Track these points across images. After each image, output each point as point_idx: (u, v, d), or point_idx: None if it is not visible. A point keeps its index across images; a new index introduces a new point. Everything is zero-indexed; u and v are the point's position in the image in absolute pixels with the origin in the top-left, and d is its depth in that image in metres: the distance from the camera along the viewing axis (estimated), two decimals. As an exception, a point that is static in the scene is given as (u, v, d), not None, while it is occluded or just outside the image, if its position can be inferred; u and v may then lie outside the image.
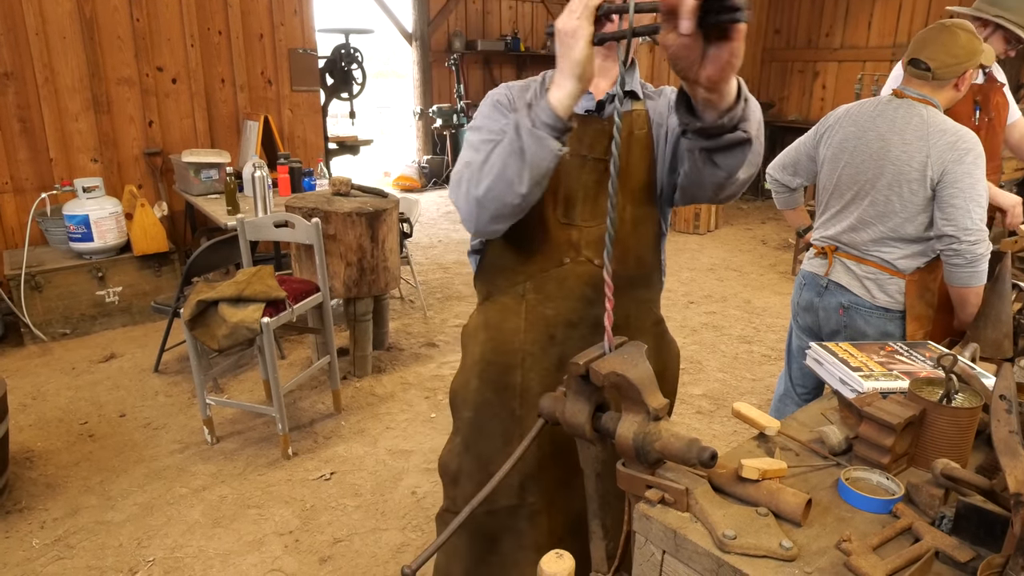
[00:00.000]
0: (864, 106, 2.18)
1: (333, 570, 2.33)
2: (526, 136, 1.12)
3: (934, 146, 1.98)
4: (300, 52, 5.44)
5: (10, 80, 4.27)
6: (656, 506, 1.00)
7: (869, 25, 7.99)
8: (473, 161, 1.23)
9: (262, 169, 3.71)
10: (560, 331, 1.42)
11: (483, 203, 1.21)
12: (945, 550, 0.92)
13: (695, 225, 6.99)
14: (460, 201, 1.26)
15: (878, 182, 2.07)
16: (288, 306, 2.91)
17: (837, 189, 2.19)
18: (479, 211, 1.22)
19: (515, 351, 1.44)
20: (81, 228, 4.11)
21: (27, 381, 3.65)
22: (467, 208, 1.24)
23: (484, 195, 1.19)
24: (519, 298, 1.42)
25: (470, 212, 1.24)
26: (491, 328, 1.46)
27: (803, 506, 0.97)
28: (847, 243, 2.19)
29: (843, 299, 2.19)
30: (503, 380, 1.46)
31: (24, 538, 2.46)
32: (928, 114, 2.03)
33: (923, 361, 1.42)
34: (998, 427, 0.95)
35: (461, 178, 1.25)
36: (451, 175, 1.30)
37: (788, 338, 2.55)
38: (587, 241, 1.37)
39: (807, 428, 1.28)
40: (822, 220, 2.28)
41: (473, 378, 1.49)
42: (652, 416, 0.98)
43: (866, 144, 2.11)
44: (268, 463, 2.93)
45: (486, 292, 1.50)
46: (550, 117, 1.11)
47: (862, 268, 2.15)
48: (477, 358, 1.48)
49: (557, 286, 1.40)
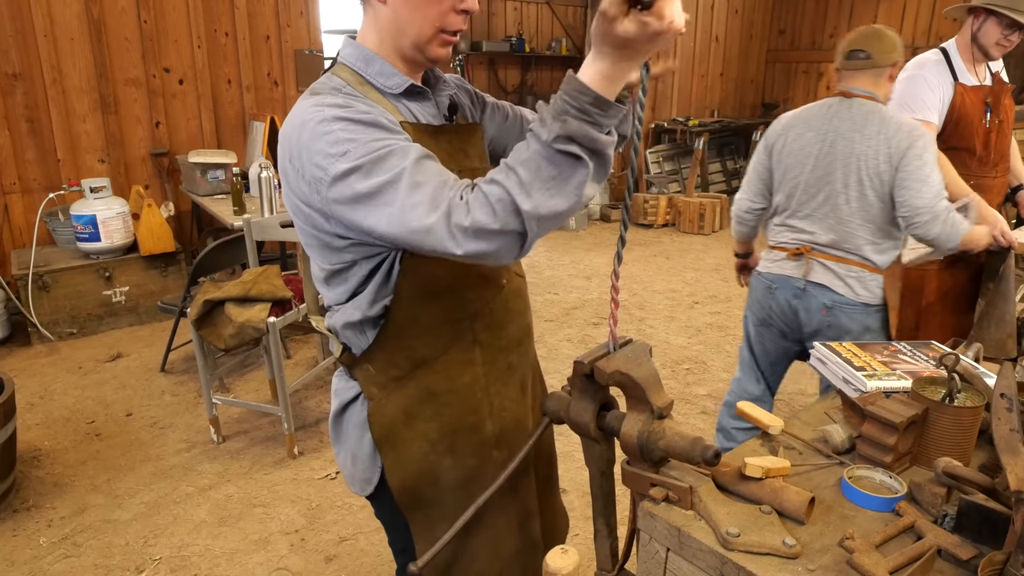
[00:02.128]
0: (812, 110, 2.24)
1: (339, 569, 2.34)
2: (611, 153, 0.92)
3: (892, 137, 2.08)
4: (306, 53, 5.46)
5: (18, 81, 4.30)
6: (660, 504, 1.01)
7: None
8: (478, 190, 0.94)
9: (268, 170, 3.73)
10: (514, 355, 1.32)
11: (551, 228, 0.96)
12: (947, 548, 0.93)
13: (700, 225, 6.99)
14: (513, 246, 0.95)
15: (850, 179, 2.13)
16: (294, 306, 2.93)
17: (806, 192, 2.23)
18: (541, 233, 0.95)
19: (480, 402, 1.26)
20: (88, 228, 4.14)
21: (34, 380, 3.67)
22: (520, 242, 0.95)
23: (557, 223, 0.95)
24: (470, 346, 1.23)
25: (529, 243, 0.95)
26: (440, 395, 1.23)
27: (806, 504, 0.97)
28: (826, 244, 2.21)
29: (826, 299, 2.21)
30: (478, 439, 1.27)
31: (32, 536, 2.48)
32: (880, 109, 2.13)
33: (926, 361, 1.43)
34: (999, 425, 0.96)
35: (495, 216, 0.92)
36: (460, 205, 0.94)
37: (747, 345, 2.55)
38: None
39: (811, 427, 1.29)
40: (790, 224, 2.30)
41: (444, 458, 1.25)
42: (656, 415, 0.99)
43: (830, 146, 2.17)
44: (274, 462, 2.95)
45: (408, 365, 1.20)
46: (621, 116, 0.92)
47: (843, 267, 2.18)
48: (437, 436, 1.24)
49: (503, 312, 1.27)
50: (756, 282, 2.41)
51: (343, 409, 1.28)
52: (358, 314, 1.17)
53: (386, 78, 1.14)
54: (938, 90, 2.56)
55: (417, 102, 1.19)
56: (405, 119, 1.13)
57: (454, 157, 1.18)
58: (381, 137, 1.00)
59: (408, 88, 1.15)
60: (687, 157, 8.03)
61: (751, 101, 9.09)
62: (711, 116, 8.46)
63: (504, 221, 0.91)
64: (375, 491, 1.29)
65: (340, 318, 1.20)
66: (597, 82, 0.87)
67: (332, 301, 1.22)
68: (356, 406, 1.25)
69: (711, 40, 8.31)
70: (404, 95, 1.16)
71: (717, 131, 7.99)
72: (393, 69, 1.14)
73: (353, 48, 1.16)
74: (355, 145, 0.98)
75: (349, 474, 1.32)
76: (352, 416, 1.27)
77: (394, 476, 1.25)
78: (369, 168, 0.97)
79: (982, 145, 2.60)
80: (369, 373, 1.22)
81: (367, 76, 1.14)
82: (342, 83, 1.12)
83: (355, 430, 1.27)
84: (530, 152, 0.91)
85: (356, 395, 1.25)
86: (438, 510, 1.28)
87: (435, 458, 1.25)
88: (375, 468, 1.27)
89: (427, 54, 1.13)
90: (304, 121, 1.02)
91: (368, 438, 1.24)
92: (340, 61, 1.17)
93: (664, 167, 7.96)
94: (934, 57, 2.64)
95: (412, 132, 1.09)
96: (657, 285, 5.35)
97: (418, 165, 0.97)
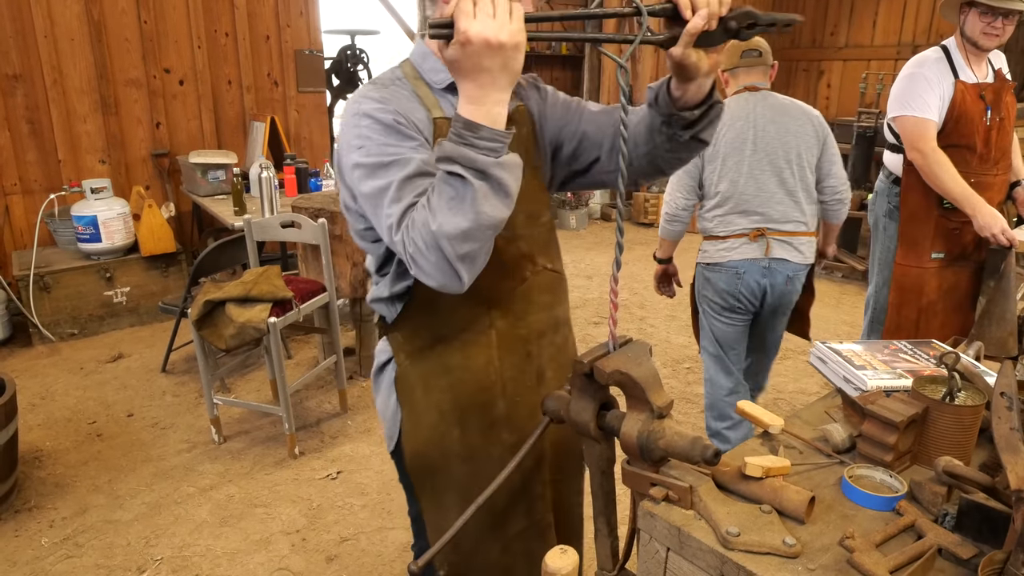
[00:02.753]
0: (731, 104, 2.44)
1: (340, 569, 2.34)
2: (497, 172, 0.98)
3: (814, 120, 2.44)
4: (306, 53, 5.46)
5: (19, 82, 4.30)
6: (660, 504, 1.01)
7: (874, 24, 7.97)
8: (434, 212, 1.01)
9: (269, 170, 3.73)
10: (534, 345, 1.37)
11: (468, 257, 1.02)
12: (948, 547, 0.92)
13: (700, 225, 6.98)
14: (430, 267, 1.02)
15: (791, 156, 2.40)
16: (295, 306, 2.93)
17: (751, 175, 2.40)
18: (470, 267, 1.04)
19: (492, 383, 1.33)
20: (89, 229, 4.14)
21: (36, 381, 3.67)
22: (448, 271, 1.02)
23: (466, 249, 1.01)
24: (486, 330, 1.31)
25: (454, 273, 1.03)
26: (455, 371, 1.31)
27: (807, 503, 0.97)
28: (778, 219, 2.42)
29: (788, 271, 2.46)
30: (488, 417, 1.34)
31: (33, 537, 2.49)
32: (788, 98, 2.48)
33: (926, 359, 1.43)
34: (999, 424, 0.96)
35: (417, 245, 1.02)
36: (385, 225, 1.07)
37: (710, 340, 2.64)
38: (537, 249, 1.33)
39: (811, 426, 1.29)
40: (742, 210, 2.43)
41: (453, 428, 1.33)
42: (656, 414, 0.99)
43: (762, 131, 2.40)
44: (275, 462, 2.95)
45: (430, 338, 1.31)
46: (502, 137, 0.99)
47: (796, 239, 2.44)
48: (449, 407, 1.32)
49: (525, 303, 1.34)
50: (716, 274, 2.52)
51: (380, 369, 1.41)
52: (386, 291, 1.30)
53: (435, 74, 1.24)
54: (937, 88, 2.56)
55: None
56: (443, 113, 1.21)
57: None
58: (394, 143, 1.10)
59: (451, 84, 1.22)
60: (688, 156, 8.02)
61: (752, 100, 9.08)
62: (712, 115, 8.44)
63: (426, 243, 1.00)
64: (395, 450, 1.41)
65: (375, 292, 1.34)
66: (463, 107, 0.98)
67: (371, 269, 1.34)
68: (388, 368, 1.38)
69: (711, 39, 8.30)
70: (447, 90, 1.24)
71: (718, 130, 7.97)
72: (442, 65, 1.22)
73: (418, 45, 1.30)
74: (370, 143, 1.11)
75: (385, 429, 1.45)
76: (385, 377, 1.39)
77: (408, 441, 1.35)
78: (372, 171, 1.10)
79: (983, 142, 2.59)
80: (398, 341, 1.34)
81: (421, 71, 1.25)
82: (401, 75, 1.24)
83: (385, 389, 1.39)
84: (436, 177, 1.02)
85: (389, 358, 1.37)
86: (444, 479, 1.36)
87: (444, 428, 1.34)
88: (396, 427, 1.38)
89: None
90: (347, 111, 1.19)
91: (393, 399, 1.37)
92: (408, 56, 1.31)
93: (665, 166, 7.95)
94: (934, 55, 2.63)
95: (446, 127, 1.17)
96: (658, 284, 5.35)
97: (406, 182, 1.06)
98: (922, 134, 2.56)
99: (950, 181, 2.51)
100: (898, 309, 2.81)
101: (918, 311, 2.75)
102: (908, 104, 2.59)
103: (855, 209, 5.24)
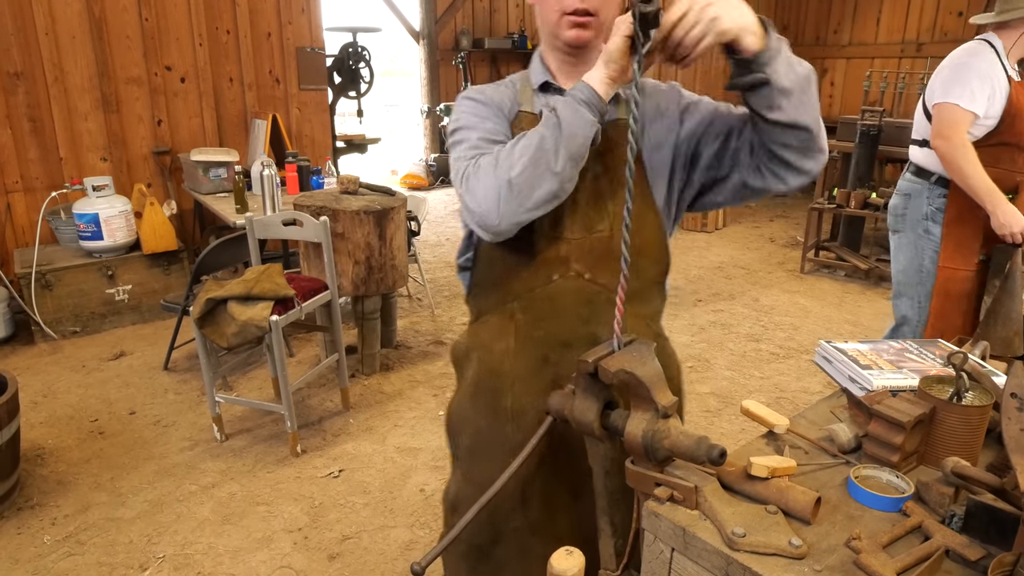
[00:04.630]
0: None
1: (342, 567, 2.34)
2: (562, 108, 1.13)
3: None
4: (308, 51, 5.46)
5: (20, 80, 4.30)
6: (665, 504, 1.00)
7: (878, 22, 7.95)
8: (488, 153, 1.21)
9: (270, 168, 3.73)
10: (554, 352, 1.33)
11: (516, 185, 1.14)
12: (955, 548, 0.92)
13: (703, 223, 6.97)
14: (481, 189, 1.17)
15: None
16: (297, 304, 2.93)
17: None
18: (509, 195, 1.14)
19: (504, 374, 1.36)
20: (91, 227, 4.14)
21: (38, 379, 3.67)
22: (493, 195, 1.15)
23: (518, 175, 1.13)
24: (508, 318, 1.36)
25: (497, 198, 1.15)
26: (482, 348, 1.40)
27: (812, 504, 0.97)
28: None
29: None
30: (495, 404, 1.37)
31: (36, 534, 2.48)
32: None
33: (933, 359, 1.42)
34: (1009, 425, 0.95)
35: (479, 166, 1.19)
36: (455, 173, 1.26)
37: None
38: (577, 255, 1.31)
39: (816, 426, 1.28)
40: None
41: (467, 402, 1.42)
42: (661, 414, 0.98)
43: None
44: (277, 460, 2.95)
45: (477, 311, 1.45)
46: (586, 92, 1.13)
47: None
48: (470, 380, 1.42)
49: (548, 305, 1.32)
50: None
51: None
52: (460, 260, 1.46)
53: (534, 74, 1.39)
54: (989, 81, 2.45)
55: (553, 95, 1.36)
56: (531, 109, 1.35)
57: None
58: (479, 114, 1.32)
59: (543, 84, 1.37)
60: (690, 154, 8.00)
61: (754, 98, 9.05)
62: (714, 113, 8.42)
63: (485, 168, 1.18)
64: None
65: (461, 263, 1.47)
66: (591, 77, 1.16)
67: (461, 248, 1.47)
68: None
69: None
70: (540, 89, 1.37)
71: (720, 128, 7.96)
72: (541, 67, 1.38)
73: (537, 50, 1.43)
74: (461, 114, 1.34)
75: None
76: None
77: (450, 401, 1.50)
78: (454, 130, 1.32)
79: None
80: (469, 306, 1.49)
81: (530, 72, 1.41)
82: (519, 77, 1.42)
83: None
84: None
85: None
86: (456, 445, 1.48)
87: (462, 399, 1.45)
88: None
89: (560, 38, 1.29)
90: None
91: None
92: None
93: (667, 164, 7.93)
94: (985, 48, 2.51)
95: (525, 120, 1.34)
96: (660, 282, 5.34)
97: (479, 141, 1.27)
98: (957, 123, 2.45)
99: (975, 175, 2.42)
100: (943, 317, 2.63)
101: (962, 316, 2.60)
102: (953, 92, 2.47)
103: (858, 208, 5.22)
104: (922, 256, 2.70)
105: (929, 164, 2.67)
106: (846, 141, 5.90)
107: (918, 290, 2.73)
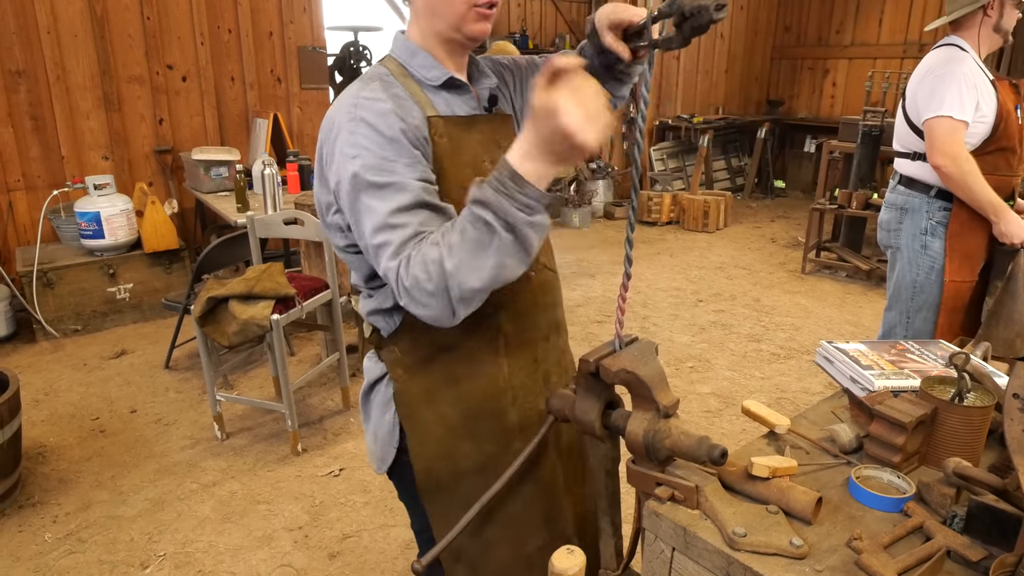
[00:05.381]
0: None
1: (342, 566, 2.34)
2: (526, 230, 0.97)
3: None
4: (309, 50, 5.46)
5: (22, 78, 4.30)
6: (666, 503, 1.00)
7: (880, 22, 7.93)
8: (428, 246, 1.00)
9: (272, 167, 3.73)
10: (540, 349, 1.33)
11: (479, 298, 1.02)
12: (957, 549, 0.92)
13: (704, 223, 6.97)
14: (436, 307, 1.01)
15: None
16: (298, 303, 2.93)
17: None
18: (470, 306, 1.03)
19: (502, 391, 1.28)
20: (92, 225, 4.14)
21: (39, 377, 3.68)
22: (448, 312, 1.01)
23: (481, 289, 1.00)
24: (495, 335, 1.25)
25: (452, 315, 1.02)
26: (462, 381, 1.25)
27: (813, 504, 0.96)
28: None
29: None
30: (501, 425, 1.29)
31: (37, 532, 2.49)
32: None
33: (934, 359, 1.41)
34: (1011, 426, 0.95)
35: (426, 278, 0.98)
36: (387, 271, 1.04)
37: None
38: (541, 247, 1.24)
39: (817, 426, 1.28)
40: None
41: (463, 442, 1.27)
42: (662, 413, 0.98)
43: None
44: (278, 459, 2.95)
45: (432, 348, 1.24)
46: (543, 199, 0.96)
47: None
48: (457, 420, 1.26)
49: (531, 305, 1.29)
50: None
51: (370, 388, 1.34)
52: (388, 301, 1.21)
53: (427, 70, 1.19)
54: (974, 87, 2.36)
55: (456, 94, 1.22)
56: (438, 112, 1.16)
57: (487, 148, 1.22)
58: (392, 159, 1.05)
59: (447, 81, 1.19)
60: (691, 154, 8.01)
61: (756, 98, 9.05)
62: (716, 113, 8.43)
63: (432, 279, 0.97)
64: (392, 470, 1.33)
65: (371, 304, 1.25)
66: (518, 159, 0.95)
67: (358, 282, 1.26)
68: (381, 386, 1.30)
69: (716, 37, 8.28)
70: (443, 87, 1.20)
71: (722, 128, 7.96)
72: (434, 62, 1.19)
73: (400, 41, 1.22)
74: (368, 154, 1.04)
75: (370, 451, 1.37)
76: (377, 395, 1.32)
77: (418, 459, 1.28)
78: (366, 188, 1.04)
79: (1020, 142, 2.46)
80: (395, 355, 1.26)
81: (410, 68, 1.19)
82: (387, 72, 1.18)
83: (378, 409, 1.32)
84: (461, 215, 0.98)
85: (382, 375, 1.30)
86: (455, 494, 1.30)
87: (453, 442, 1.27)
88: (391, 448, 1.30)
89: (465, 32, 1.16)
90: (340, 114, 1.10)
91: (388, 417, 1.29)
92: (388, 53, 1.24)
93: (668, 164, 7.94)
94: (957, 53, 2.42)
95: (442, 125, 1.15)
96: (661, 283, 5.34)
97: (403, 212, 1.03)
98: (956, 138, 2.35)
99: (982, 190, 2.35)
100: (950, 331, 2.54)
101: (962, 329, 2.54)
102: (944, 104, 2.35)
103: (860, 208, 5.22)
104: (916, 271, 2.60)
105: (925, 177, 2.55)
106: (848, 142, 5.89)
107: (908, 304, 2.65)
